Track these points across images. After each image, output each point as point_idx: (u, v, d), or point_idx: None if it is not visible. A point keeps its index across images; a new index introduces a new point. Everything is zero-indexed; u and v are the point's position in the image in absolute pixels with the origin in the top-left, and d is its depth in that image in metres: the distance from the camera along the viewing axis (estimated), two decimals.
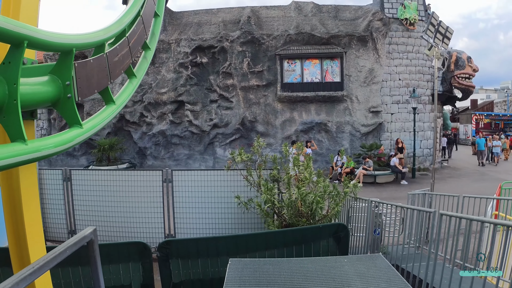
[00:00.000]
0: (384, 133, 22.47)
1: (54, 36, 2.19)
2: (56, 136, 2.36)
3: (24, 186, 2.82)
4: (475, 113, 46.93)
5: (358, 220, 7.86)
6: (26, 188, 2.85)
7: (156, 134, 23.18)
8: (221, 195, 8.13)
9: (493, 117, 45.96)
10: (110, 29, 3.01)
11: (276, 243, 5.52)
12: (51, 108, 2.87)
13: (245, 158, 7.22)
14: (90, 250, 1.98)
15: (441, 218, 4.62)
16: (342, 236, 5.63)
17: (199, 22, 23.64)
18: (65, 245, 1.73)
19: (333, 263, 4.31)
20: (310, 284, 3.74)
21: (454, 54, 23.50)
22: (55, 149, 2.26)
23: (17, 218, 2.93)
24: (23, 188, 2.82)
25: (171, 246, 5.33)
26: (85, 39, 2.60)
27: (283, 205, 6.87)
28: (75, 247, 1.78)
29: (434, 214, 5.42)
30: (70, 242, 1.76)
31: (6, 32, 1.81)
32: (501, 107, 55.45)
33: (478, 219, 4.07)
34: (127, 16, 3.43)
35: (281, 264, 4.27)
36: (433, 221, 5.45)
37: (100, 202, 8.47)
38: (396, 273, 4.02)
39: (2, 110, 2.00)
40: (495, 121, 45.40)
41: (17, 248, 3.07)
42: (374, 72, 22.22)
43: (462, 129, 48.37)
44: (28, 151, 1.99)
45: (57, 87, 2.41)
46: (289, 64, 22.15)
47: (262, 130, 21.82)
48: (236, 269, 4.10)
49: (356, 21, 22.88)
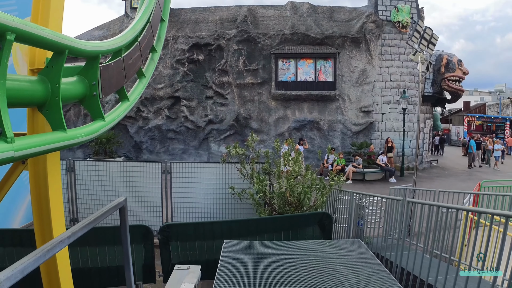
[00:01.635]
0: (375, 132, 23.01)
1: (86, 45, 2.68)
2: (86, 127, 2.85)
3: (51, 171, 3.30)
4: (467, 115, 47.45)
5: (343, 211, 8.39)
6: (52, 173, 3.33)
7: (152, 128, 23.66)
8: (216, 186, 8.67)
9: (485, 119, 46.41)
10: (126, 36, 3.50)
11: (266, 228, 6.05)
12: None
13: (240, 152, 7.74)
14: (121, 214, 2.47)
15: (408, 204, 5.17)
16: (326, 224, 6.18)
17: (197, 20, 24.08)
18: (101, 212, 2.22)
19: (316, 245, 4.84)
20: (295, 263, 4.25)
21: (445, 57, 24.07)
22: (86, 137, 2.76)
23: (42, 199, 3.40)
24: (49, 173, 3.30)
25: (171, 229, 5.85)
26: (108, 46, 3.09)
27: (274, 196, 7.41)
28: (110, 212, 2.27)
29: (403, 202, 5.99)
30: (106, 208, 2.25)
31: (53, 43, 2.29)
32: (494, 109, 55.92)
33: (439, 205, 4.62)
34: (139, 23, 3.91)
35: (270, 246, 4.79)
36: (402, 208, 6.00)
37: (102, 191, 8.95)
38: (371, 255, 4.54)
39: (45, 106, 2.50)
40: (487, 123, 45.91)
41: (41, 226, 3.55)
42: (366, 73, 22.76)
43: (454, 130, 49.02)
44: (68, 138, 2.49)
45: (85, 86, 2.90)
46: (283, 63, 22.66)
47: (256, 127, 22.30)
48: (230, 249, 4.61)
49: (350, 22, 23.38)
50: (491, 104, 58.49)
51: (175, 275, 3.28)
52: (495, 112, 54.40)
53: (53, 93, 2.43)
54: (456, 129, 48.82)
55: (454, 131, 49.16)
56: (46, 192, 3.33)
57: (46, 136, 2.38)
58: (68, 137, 2.50)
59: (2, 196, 3.93)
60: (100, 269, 5.74)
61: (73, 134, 2.57)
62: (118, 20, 26.48)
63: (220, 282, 3.69)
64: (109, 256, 5.78)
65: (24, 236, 5.77)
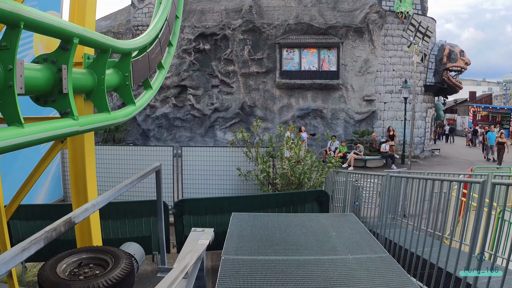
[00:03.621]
0: (377, 121, 23.53)
1: (124, 43, 3.31)
2: (122, 110, 3.48)
3: (87, 148, 3.95)
4: (473, 105, 47.58)
5: (340, 192, 9.04)
6: (88, 150, 3.97)
7: (159, 116, 24.28)
8: (224, 168, 9.36)
9: (491, 110, 46.51)
10: (150, 34, 4.12)
11: (269, 204, 6.72)
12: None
13: (246, 136, 8.39)
14: (157, 177, 3.10)
15: (390, 178, 5.82)
16: (324, 201, 6.84)
17: (202, 10, 24.53)
18: (139, 174, 2.85)
19: (313, 217, 5.49)
20: (294, 231, 4.90)
21: (447, 48, 24.41)
22: (124, 118, 3.40)
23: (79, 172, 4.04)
24: (86, 150, 3.94)
25: (184, 204, 6.53)
26: (137, 44, 3.71)
27: (277, 176, 8.07)
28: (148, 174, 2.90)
29: (387, 177, 6.66)
30: (145, 171, 2.88)
31: (103, 44, 2.92)
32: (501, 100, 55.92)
33: (416, 177, 5.26)
34: (159, 22, 4.53)
35: (272, 217, 5.45)
36: (385, 182, 6.66)
37: (117, 174, 9.64)
38: (361, 225, 5.19)
39: (92, 93, 3.13)
40: (492, 114, 46.04)
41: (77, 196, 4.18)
42: (369, 63, 23.20)
43: (459, 120, 49.33)
44: (112, 118, 3.13)
45: (119, 77, 3.52)
46: (288, 52, 23.19)
47: (260, 115, 22.81)
48: (237, 220, 5.27)
49: (353, 12, 23.76)
50: (498, 95, 58.41)
51: (192, 235, 3.91)
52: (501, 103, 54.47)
53: (99, 83, 3.05)
54: (461, 119, 49.10)
55: (459, 121, 49.43)
56: (83, 166, 3.97)
57: (97, 116, 3.01)
58: (112, 117, 3.13)
59: (42, 171, 4.59)
60: (120, 240, 6.41)
61: (115, 115, 3.21)
62: (125, 10, 26.96)
63: (229, 245, 4.33)
64: (129, 228, 6.46)
65: (52, 210, 6.45)
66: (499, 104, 52.65)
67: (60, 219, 1.67)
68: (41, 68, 2.36)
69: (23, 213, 6.30)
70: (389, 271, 3.71)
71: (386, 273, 3.66)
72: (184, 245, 3.71)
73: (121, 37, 24.29)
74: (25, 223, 6.39)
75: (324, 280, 3.48)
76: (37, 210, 6.53)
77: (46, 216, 6.36)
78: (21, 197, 4.77)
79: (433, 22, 24.85)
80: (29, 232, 6.26)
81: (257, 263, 3.80)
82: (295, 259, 3.90)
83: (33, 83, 2.21)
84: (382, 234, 6.61)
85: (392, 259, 4.02)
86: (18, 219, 6.31)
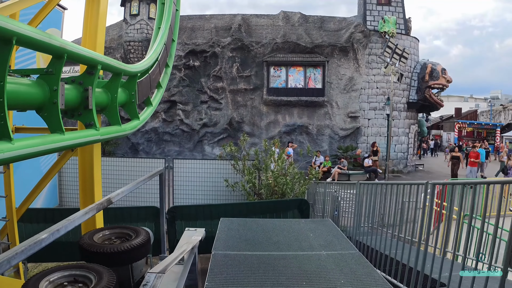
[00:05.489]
0: (361, 137, 24.31)
1: (132, 67, 3.92)
2: (129, 124, 4.08)
3: (95, 157, 4.52)
4: (458, 121, 48.45)
5: (320, 202, 9.67)
6: (96, 159, 4.54)
7: (148, 131, 24.78)
8: (213, 179, 9.95)
9: (476, 126, 47.40)
10: (152, 57, 4.74)
11: (255, 211, 7.33)
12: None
13: (234, 149, 9.02)
14: (160, 179, 3.70)
15: (359, 185, 6.48)
16: (304, 209, 7.47)
17: (193, 27, 25.26)
18: (145, 176, 3.44)
19: (293, 222, 6.10)
20: (276, 233, 5.49)
21: (429, 66, 25.32)
22: (131, 130, 4.00)
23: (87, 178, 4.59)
24: (95, 159, 4.51)
25: (177, 210, 7.09)
26: (142, 67, 4.32)
27: (262, 186, 8.69)
28: (153, 176, 3.49)
29: (357, 184, 7.34)
30: (149, 174, 3.47)
31: (117, 68, 3.53)
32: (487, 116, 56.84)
33: (377, 183, 5.92)
34: (159, 46, 5.15)
35: (257, 221, 6.04)
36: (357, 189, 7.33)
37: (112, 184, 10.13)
38: (336, 228, 5.79)
39: (106, 109, 3.73)
40: (477, 130, 46.96)
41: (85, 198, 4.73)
42: (353, 80, 24.07)
43: (445, 136, 50.37)
44: (123, 130, 3.74)
45: (126, 95, 4.13)
46: (275, 70, 23.99)
47: (248, 131, 23.40)
48: (225, 224, 5.84)
49: (339, 32, 24.64)
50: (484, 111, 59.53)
51: (186, 233, 4.48)
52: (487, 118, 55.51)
53: (112, 100, 3.66)
54: (447, 135, 50.06)
55: (445, 137, 50.41)
56: (91, 172, 4.54)
57: (112, 128, 3.61)
58: (122, 129, 3.74)
59: (51, 177, 5.15)
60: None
61: (124, 127, 3.81)
62: (116, 25, 27.47)
63: (219, 243, 4.90)
64: None
65: (55, 214, 6.97)
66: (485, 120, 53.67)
67: (100, 200, 2.32)
68: (71, 88, 2.96)
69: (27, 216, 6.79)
70: (357, 264, 4.30)
71: (354, 266, 4.25)
72: (179, 241, 4.27)
73: (112, 52, 24.88)
74: (29, 225, 6.89)
75: (300, 271, 4.06)
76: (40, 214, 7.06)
77: (49, 219, 6.88)
78: (31, 200, 5.31)
79: (416, 42, 25.88)
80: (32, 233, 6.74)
81: (242, 257, 4.38)
82: (276, 254, 4.49)
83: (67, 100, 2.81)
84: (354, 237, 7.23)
85: (361, 254, 4.62)
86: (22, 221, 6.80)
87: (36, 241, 1.79)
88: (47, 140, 2.43)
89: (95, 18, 4.34)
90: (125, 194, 2.76)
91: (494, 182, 4.56)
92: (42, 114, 2.57)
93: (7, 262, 1.57)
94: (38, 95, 2.45)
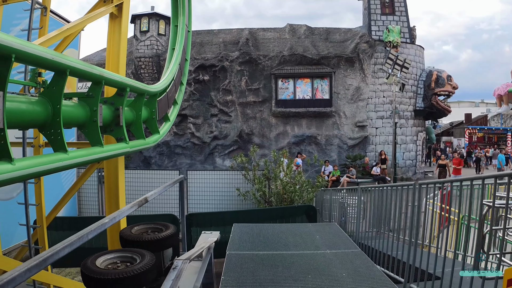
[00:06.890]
0: (369, 146, 24.62)
1: (153, 87, 4.43)
2: (151, 138, 4.59)
3: (120, 168, 5.02)
4: (468, 127, 48.20)
5: (328, 209, 10.08)
6: (120, 170, 5.05)
7: (160, 144, 25.16)
8: (225, 189, 10.46)
9: (486, 131, 47.20)
10: (169, 78, 5.26)
11: (265, 216, 7.80)
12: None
13: (244, 160, 9.52)
14: (181, 186, 4.18)
15: (361, 190, 6.92)
16: (312, 214, 7.92)
17: (202, 42, 25.87)
18: (166, 184, 3.92)
19: (302, 226, 6.55)
20: (286, 236, 5.93)
21: (435, 73, 25.60)
22: (153, 144, 4.50)
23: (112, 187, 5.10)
24: (119, 170, 5.02)
25: (193, 217, 7.58)
26: (161, 86, 4.84)
27: (271, 194, 9.16)
28: (173, 184, 3.97)
29: (359, 189, 7.77)
30: (170, 182, 3.95)
31: (142, 89, 4.04)
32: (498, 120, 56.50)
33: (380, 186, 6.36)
34: (175, 66, 5.68)
35: (267, 226, 6.50)
36: (359, 194, 7.74)
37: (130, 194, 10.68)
38: (341, 231, 6.23)
39: (132, 125, 4.23)
40: (488, 135, 46.77)
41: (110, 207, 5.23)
42: (360, 90, 24.43)
43: (455, 142, 50.18)
44: (147, 143, 4.24)
45: (148, 112, 4.64)
46: (283, 82, 24.49)
47: (258, 142, 23.66)
48: (238, 229, 6.30)
49: (345, 43, 25.05)
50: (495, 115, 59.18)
51: (203, 236, 4.94)
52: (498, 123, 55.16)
53: (137, 117, 4.17)
54: (457, 141, 49.85)
55: (455, 144, 50.20)
56: (116, 182, 5.04)
57: (138, 141, 4.11)
58: (146, 142, 4.25)
59: (79, 187, 5.66)
60: None
61: (148, 141, 4.32)
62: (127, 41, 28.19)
63: (232, 244, 5.36)
64: None
65: (79, 222, 7.49)
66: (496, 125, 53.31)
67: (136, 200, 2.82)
68: (105, 108, 3.47)
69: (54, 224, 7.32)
70: (359, 260, 4.74)
71: (357, 262, 4.68)
72: (198, 241, 4.74)
73: None
74: (55, 232, 7.41)
75: (307, 267, 4.50)
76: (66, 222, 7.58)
77: (73, 227, 7.40)
78: (59, 208, 5.82)
79: (421, 50, 26.23)
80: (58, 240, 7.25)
81: (254, 256, 4.83)
82: (285, 253, 4.94)
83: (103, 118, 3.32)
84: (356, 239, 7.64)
85: (363, 253, 5.05)
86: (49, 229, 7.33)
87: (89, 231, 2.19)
88: (90, 152, 2.93)
89: (117, 39, 4.85)
90: (156, 195, 3.24)
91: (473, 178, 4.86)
92: (83, 131, 3.08)
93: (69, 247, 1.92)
94: (82, 114, 2.95)
